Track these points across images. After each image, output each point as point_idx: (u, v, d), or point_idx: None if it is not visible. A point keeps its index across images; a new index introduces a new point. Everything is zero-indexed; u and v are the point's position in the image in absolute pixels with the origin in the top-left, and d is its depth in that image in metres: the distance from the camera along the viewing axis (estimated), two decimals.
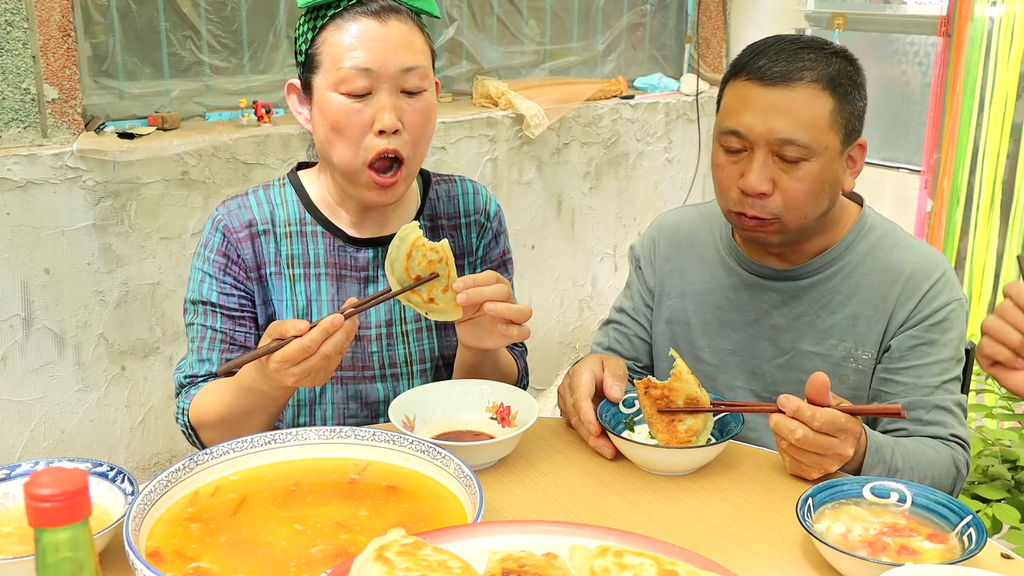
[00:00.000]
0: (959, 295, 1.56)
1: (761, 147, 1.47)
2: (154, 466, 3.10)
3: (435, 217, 1.67)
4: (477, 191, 1.72)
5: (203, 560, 1.06)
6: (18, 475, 1.23)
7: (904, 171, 3.80)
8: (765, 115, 1.46)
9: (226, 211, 1.58)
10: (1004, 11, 3.28)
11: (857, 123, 1.52)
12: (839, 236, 1.60)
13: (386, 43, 1.46)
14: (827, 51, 1.50)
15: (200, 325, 1.57)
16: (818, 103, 1.46)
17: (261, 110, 3.18)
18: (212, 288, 1.56)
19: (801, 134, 1.45)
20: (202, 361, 1.57)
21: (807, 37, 1.54)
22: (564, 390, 1.51)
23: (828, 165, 1.48)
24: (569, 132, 3.83)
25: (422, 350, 1.64)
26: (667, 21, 4.30)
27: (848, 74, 1.50)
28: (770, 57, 1.48)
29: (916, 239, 1.64)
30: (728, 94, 1.53)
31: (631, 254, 1.82)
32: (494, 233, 1.72)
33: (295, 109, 1.57)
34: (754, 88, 1.48)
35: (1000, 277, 3.40)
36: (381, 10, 1.47)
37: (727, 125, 1.50)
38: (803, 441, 1.29)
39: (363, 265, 1.61)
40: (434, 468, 1.23)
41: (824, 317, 1.58)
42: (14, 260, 2.75)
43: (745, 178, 1.48)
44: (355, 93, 1.45)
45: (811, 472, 1.33)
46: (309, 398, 1.60)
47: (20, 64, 2.74)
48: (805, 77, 1.46)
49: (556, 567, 0.86)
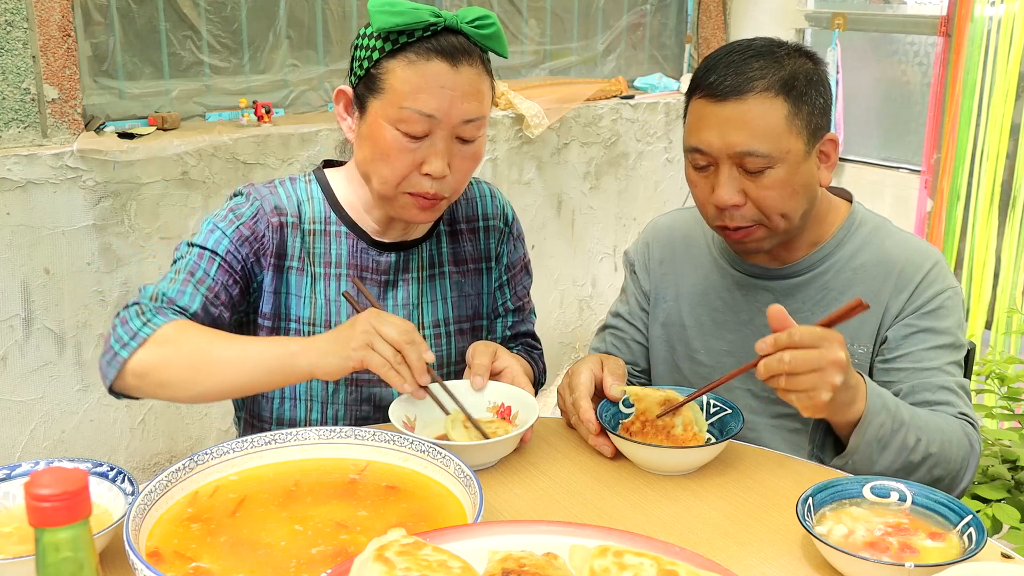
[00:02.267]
0: (953, 283, 1.56)
1: (724, 161, 1.47)
2: (154, 466, 3.10)
3: (454, 222, 1.68)
4: (493, 194, 1.73)
5: (203, 560, 1.06)
6: (18, 475, 1.22)
7: (904, 171, 3.80)
8: (721, 130, 1.46)
9: (257, 193, 1.55)
10: (1004, 11, 3.28)
11: (821, 119, 1.50)
12: (829, 233, 1.60)
13: (454, 92, 1.43)
14: (779, 54, 1.48)
15: (193, 261, 1.50)
16: (771, 110, 1.45)
17: (261, 110, 3.18)
18: (221, 243, 1.51)
19: (759, 144, 1.44)
20: (181, 293, 1.46)
21: (760, 43, 1.52)
22: (564, 389, 1.51)
23: (795, 168, 1.47)
24: (569, 132, 3.83)
25: (440, 356, 1.64)
26: (667, 21, 4.30)
27: (805, 73, 1.48)
28: (720, 72, 1.47)
29: (907, 233, 1.63)
30: (689, 112, 1.53)
31: (625, 259, 1.83)
32: (514, 239, 1.74)
33: (340, 115, 1.54)
34: (709, 105, 1.47)
35: (999, 277, 3.40)
36: (455, 52, 1.44)
37: (690, 143, 1.51)
38: (793, 362, 1.25)
39: (385, 268, 1.60)
40: (434, 468, 1.23)
41: (818, 314, 1.57)
42: (14, 260, 2.75)
43: (715, 193, 1.48)
44: (412, 134, 1.44)
45: (821, 394, 1.26)
46: (323, 396, 1.59)
47: (20, 64, 2.74)
48: (755, 87, 1.45)
49: (556, 567, 0.86)
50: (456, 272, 1.67)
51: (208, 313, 1.47)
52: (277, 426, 1.59)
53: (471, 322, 1.69)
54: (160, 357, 1.39)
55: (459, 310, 1.67)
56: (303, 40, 3.36)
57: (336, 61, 3.42)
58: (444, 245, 1.66)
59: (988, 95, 3.35)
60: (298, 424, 1.59)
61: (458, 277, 1.67)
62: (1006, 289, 3.38)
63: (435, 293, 1.64)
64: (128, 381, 1.41)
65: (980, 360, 2.72)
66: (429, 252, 1.64)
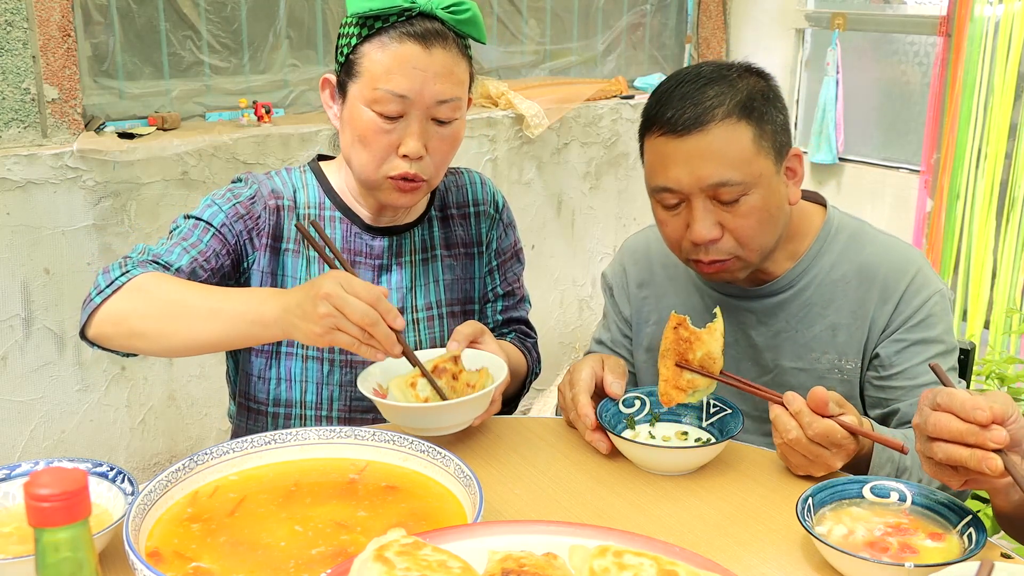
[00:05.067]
0: (938, 286, 1.53)
1: (697, 196, 1.42)
2: (154, 466, 3.10)
3: (445, 207, 1.71)
4: (483, 182, 1.76)
5: (203, 560, 1.06)
6: (18, 475, 1.22)
7: (904, 171, 3.80)
8: (690, 165, 1.41)
9: (255, 178, 1.59)
10: (1004, 11, 3.28)
11: (783, 136, 1.47)
12: (805, 246, 1.57)
13: (426, 72, 1.46)
14: (731, 77, 1.45)
15: (188, 230, 1.51)
16: (737, 136, 1.41)
17: (261, 110, 3.18)
18: (217, 216, 1.53)
19: (731, 173, 1.40)
20: (170, 252, 1.48)
21: (709, 68, 1.47)
22: (564, 386, 1.51)
23: (768, 190, 1.44)
24: (569, 132, 3.83)
25: (432, 338, 1.66)
26: (667, 21, 4.30)
27: (760, 92, 1.45)
28: (675, 106, 1.42)
29: (886, 236, 1.60)
30: (648, 151, 1.48)
31: (603, 282, 1.79)
32: (504, 225, 1.76)
33: (326, 103, 1.59)
34: (670, 142, 1.42)
35: (997, 276, 3.40)
36: (427, 34, 1.47)
37: (657, 183, 1.46)
38: (795, 443, 1.30)
39: (378, 253, 1.63)
40: (434, 468, 1.23)
41: (802, 331, 1.56)
42: (14, 260, 2.75)
43: (691, 230, 1.44)
44: (387, 115, 1.47)
45: (796, 470, 1.35)
46: (317, 378, 1.60)
47: (20, 64, 2.74)
48: (716, 115, 1.40)
49: (556, 567, 0.86)
50: (448, 256, 1.69)
51: (195, 275, 1.47)
52: (273, 407, 1.61)
53: (462, 305, 1.71)
54: (134, 305, 1.37)
55: (451, 293, 1.69)
56: (303, 40, 3.36)
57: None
58: (436, 229, 1.69)
59: (988, 95, 3.35)
60: (293, 405, 1.60)
61: (450, 261, 1.70)
62: (1004, 289, 3.38)
63: (428, 276, 1.67)
64: (103, 329, 1.40)
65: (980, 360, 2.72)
66: (421, 236, 1.67)
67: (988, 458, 1.07)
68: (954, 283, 3.54)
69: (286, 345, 1.58)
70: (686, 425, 1.48)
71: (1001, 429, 1.07)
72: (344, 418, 1.61)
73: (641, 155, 1.52)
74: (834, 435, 1.28)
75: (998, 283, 3.40)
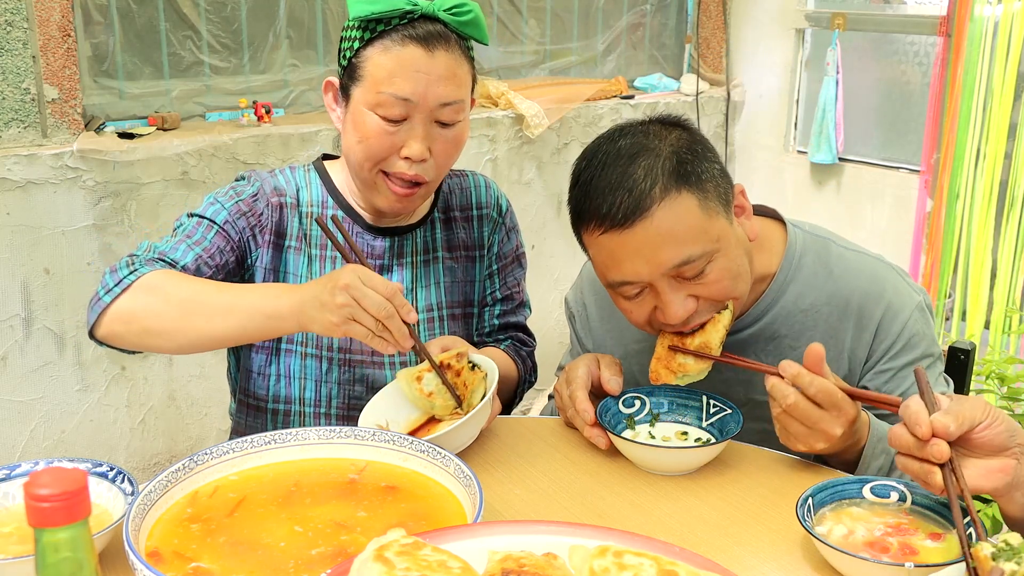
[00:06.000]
0: (914, 299, 1.47)
1: (660, 280, 1.34)
2: (154, 466, 3.10)
3: (448, 209, 1.71)
4: (488, 185, 1.76)
5: (203, 560, 1.06)
6: (18, 475, 1.22)
7: (904, 171, 3.80)
8: (643, 256, 1.31)
9: (258, 176, 1.60)
10: (1004, 11, 3.28)
11: (724, 183, 1.37)
12: (770, 272, 1.49)
13: (429, 75, 1.46)
14: (651, 143, 1.34)
15: (192, 227, 1.52)
16: (684, 210, 1.31)
17: (261, 110, 3.18)
18: (220, 214, 1.54)
19: (690, 249, 1.31)
20: (175, 249, 1.49)
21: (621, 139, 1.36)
22: (560, 385, 1.51)
23: (730, 247, 1.36)
24: (569, 132, 3.83)
25: (432, 340, 1.65)
26: (667, 21, 4.30)
27: (686, 147, 1.35)
28: (606, 198, 1.31)
29: (853, 252, 1.52)
30: (591, 246, 1.38)
31: (566, 308, 1.74)
32: (507, 229, 1.76)
33: (329, 106, 1.59)
34: (613, 238, 1.32)
35: (996, 277, 3.40)
36: (430, 37, 1.47)
37: (612, 279, 1.36)
38: (794, 408, 1.26)
39: (380, 253, 1.63)
40: (434, 468, 1.23)
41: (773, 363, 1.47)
42: (14, 260, 2.75)
43: (665, 315, 1.36)
44: (390, 118, 1.47)
45: (797, 444, 1.30)
46: (316, 375, 1.60)
47: (20, 64, 2.74)
48: (655, 196, 1.30)
49: (556, 567, 0.86)
50: (449, 258, 1.69)
51: (200, 272, 1.48)
52: (272, 403, 1.61)
53: (462, 308, 1.71)
54: (146, 303, 1.38)
55: (451, 295, 1.69)
56: (303, 40, 3.36)
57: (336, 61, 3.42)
58: (438, 231, 1.69)
59: (988, 95, 3.35)
60: (292, 401, 1.61)
61: (451, 263, 1.69)
62: (1004, 289, 3.38)
63: (429, 278, 1.67)
64: (113, 328, 1.41)
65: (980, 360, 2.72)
66: (423, 237, 1.67)
67: (930, 473, 1.09)
68: (953, 283, 3.54)
69: (286, 341, 1.58)
70: (686, 425, 1.48)
71: (941, 444, 1.08)
72: (342, 415, 1.61)
73: (581, 245, 1.43)
74: (834, 395, 1.26)
75: (998, 283, 3.40)
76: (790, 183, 4.15)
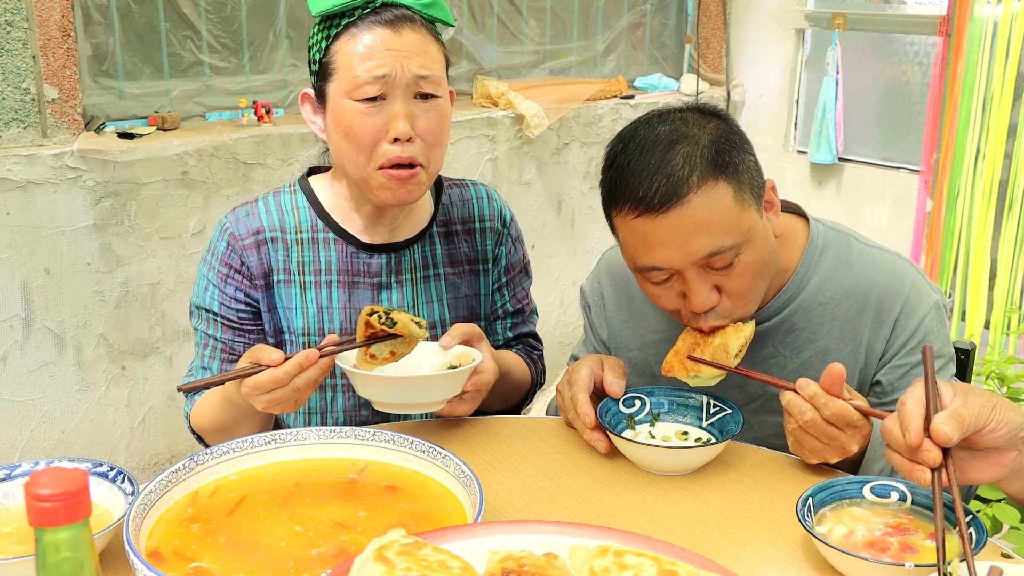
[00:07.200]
0: (932, 298, 1.47)
1: (689, 268, 1.33)
2: (154, 466, 3.10)
3: (449, 222, 1.67)
4: (491, 196, 1.72)
5: (203, 560, 1.06)
6: (18, 475, 1.22)
7: (904, 171, 3.80)
8: (676, 243, 1.31)
9: (234, 218, 1.59)
10: (1004, 11, 3.28)
11: (757, 177, 1.37)
12: (791, 266, 1.50)
13: (400, 51, 1.46)
14: (690, 130, 1.34)
15: (203, 332, 1.60)
16: (719, 200, 1.31)
17: (261, 110, 3.18)
18: (214, 298, 1.58)
19: (722, 240, 1.31)
20: (204, 369, 1.60)
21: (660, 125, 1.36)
22: (562, 386, 1.50)
23: (759, 241, 1.36)
24: (569, 132, 3.83)
25: None
26: (667, 21, 4.30)
27: (723, 135, 1.34)
28: (644, 181, 1.30)
29: (874, 248, 1.52)
30: (622, 229, 1.37)
31: (581, 298, 1.73)
32: (512, 240, 1.73)
33: (309, 119, 1.57)
34: (648, 222, 1.31)
35: (996, 277, 3.41)
36: (395, 19, 1.47)
37: (642, 263, 1.36)
38: (809, 425, 1.28)
39: (376, 271, 1.60)
40: (434, 468, 1.23)
41: (791, 357, 1.51)
42: (14, 260, 2.75)
43: (690, 301, 1.36)
44: (368, 97, 1.46)
45: (811, 457, 1.33)
46: (320, 407, 1.60)
47: (20, 64, 2.74)
48: (692, 183, 1.29)
49: (556, 567, 0.86)
50: (452, 273, 1.66)
51: (237, 355, 1.58)
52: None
53: (469, 323, 1.68)
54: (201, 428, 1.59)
55: (455, 311, 1.66)
56: (303, 40, 3.36)
57: None
58: (438, 246, 1.65)
59: (988, 95, 3.35)
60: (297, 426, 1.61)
61: (454, 278, 1.66)
62: (1004, 289, 3.38)
63: (430, 295, 1.64)
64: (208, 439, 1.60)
65: (980, 360, 2.72)
66: (422, 253, 1.64)
67: (917, 470, 1.09)
68: (953, 283, 3.54)
69: None
70: (686, 425, 1.48)
71: (934, 451, 1.08)
72: None
73: (611, 227, 1.42)
74: (850, 416, 1.26)
75: (997, 283, 3.40)
76: (790, 183, 4.16)
